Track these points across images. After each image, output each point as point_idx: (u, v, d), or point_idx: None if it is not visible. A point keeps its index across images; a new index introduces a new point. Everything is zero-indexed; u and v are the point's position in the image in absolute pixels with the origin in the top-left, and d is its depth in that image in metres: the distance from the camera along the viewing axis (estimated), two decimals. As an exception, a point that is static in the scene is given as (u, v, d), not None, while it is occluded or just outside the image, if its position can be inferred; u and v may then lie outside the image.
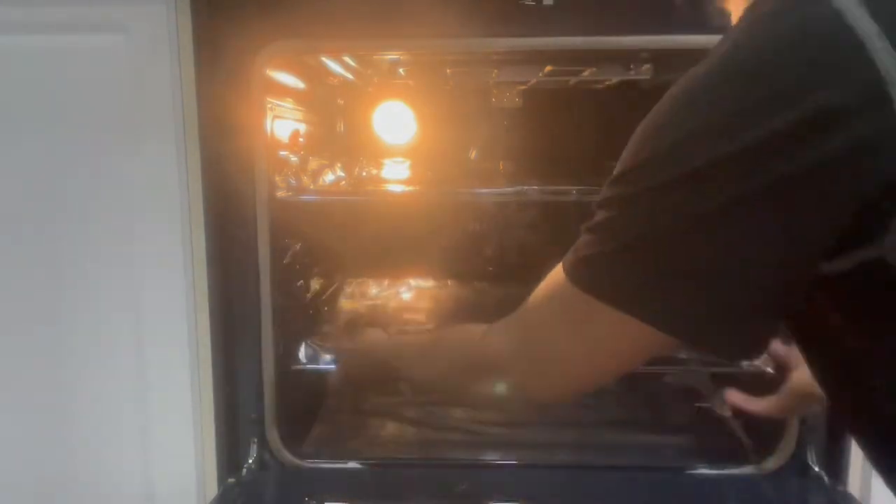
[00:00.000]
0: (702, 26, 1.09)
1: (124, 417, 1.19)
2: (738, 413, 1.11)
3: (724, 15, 1.09)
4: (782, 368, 0.98)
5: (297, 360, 1.32)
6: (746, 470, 1.20)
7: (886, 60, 0.47)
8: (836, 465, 1.16)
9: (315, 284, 1.66)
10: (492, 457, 1.31)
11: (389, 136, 1.86)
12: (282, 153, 1.31)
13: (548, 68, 1.54)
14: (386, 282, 1.91)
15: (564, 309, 0.65)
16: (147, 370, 1.18)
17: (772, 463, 1.19)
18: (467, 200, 1.87)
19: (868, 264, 0.49)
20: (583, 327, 0.63)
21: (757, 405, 0.99)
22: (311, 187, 1.36)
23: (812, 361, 0.63)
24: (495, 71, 1.59)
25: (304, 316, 1.52)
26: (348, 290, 1.87)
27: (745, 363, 1.26)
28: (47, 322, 1.18)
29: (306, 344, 1.35)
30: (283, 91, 1.33)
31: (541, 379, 0.71)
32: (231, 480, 1.17)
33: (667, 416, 1.46)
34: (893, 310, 0.51)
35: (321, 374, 1.42)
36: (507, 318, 0.75)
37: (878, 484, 1.16)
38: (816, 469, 1.16)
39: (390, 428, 1.45)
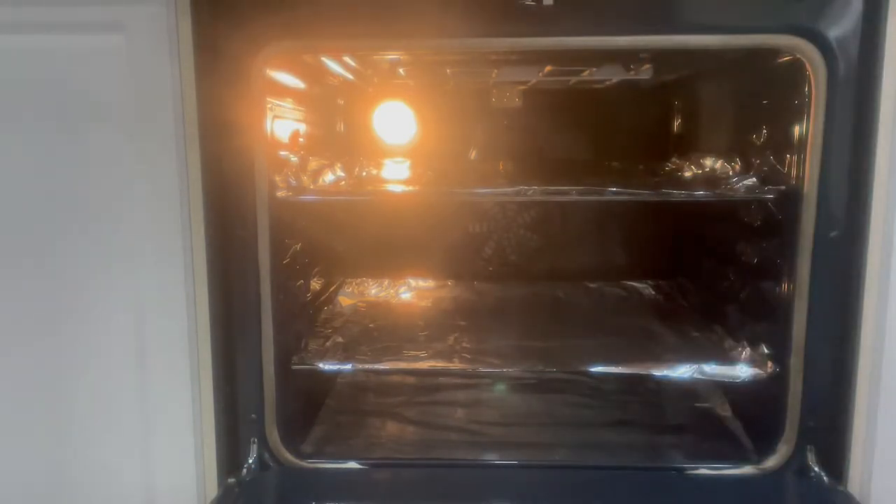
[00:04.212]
0: (702, 26, 1.09)
1: (125, 418, 1.19)
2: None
3: (724, 15, 1.09)
4: None
5: (298, 360, 1.32)
6: (746, 470, 1.20)
7: None
8: (835, 465, 1.16)
9: (315, 284, 1.66)
10: (492, 457, 1.31)
11: (389, 136, 1.86)
12: (282, 153, 1.31)
13: (548, 68, 1.54)
14: (386, 281, 1.91)
15: None
16: (147, 370, 1.18)
17: (772, 463, 1.19)
18: (467, 200, 1.87)
19: None
20: None
21: None
22: (311, 187, 1.35)
23: None
24: (495, 71, 1.59)
25: (304, 316, 1.52)
26: (348, 289, 1.87)
27: (743, 367, 1.26)
28: (47, 322, 1.18)
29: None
30: (283, 91, 1.33)
31: None
32: (231, 480, 1.17)
33: (667, 416, 1.46)
34: None
35: (321, 374, 1.42)
36: None
37: (878, 484, 1.16)
38: (816, 469, 1.16)
39: (390, 428, 1.45)
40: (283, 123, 1.32)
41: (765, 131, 1.32)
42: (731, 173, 1.45)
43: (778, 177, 1.23)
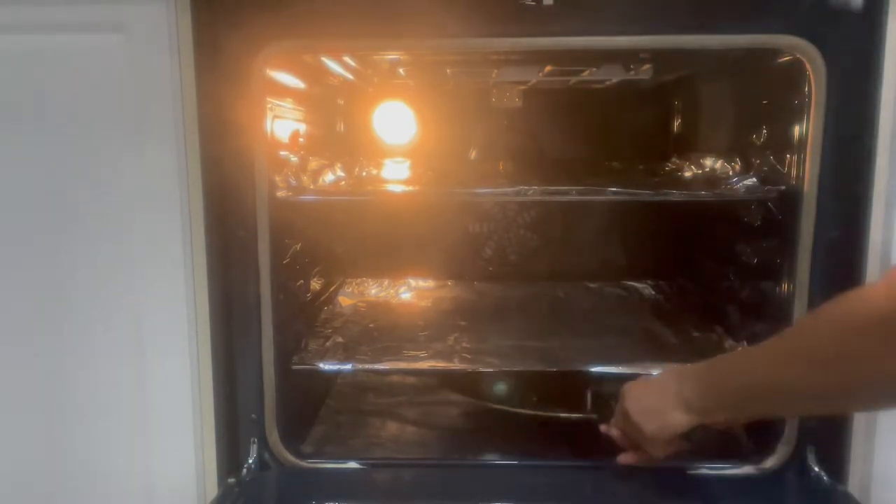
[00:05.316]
0: (702, 26, 1.09)
1: (124, 418, 1.19)
2: None
3: (724, 15, 1.09)
4: None
5: (298, 360, 1.32)
6: (746, 470, 1.20)
7: None
8: (835, 464, 1.16)
9: (315, 284, 1.66)
10: (492, 457, 1.31)
11: (389, 136, 1.86)
12: (282, 153, 1.31)
13: (548, 68, 1.54)
14: (386, 281, 1.91)
15: None
16: (147, 370, 1.18)
17: (772, 463, 1.19)
18: (467, 200, 1.88)
19: None
20: None
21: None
22: (311, 187, 1.35)
23: None
24: (495, 71, 1.59)
25: (304, 316, 1.52)
26: (348, 289, 1.87)
27: None
28: (47, 322, 1.18)
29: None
30: (283, 91, 1.33)
31: None
32: (231, 480, 1.17)
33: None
34: None
35: (321, 374, 1.42)
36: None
37: (877, 484, 1.16)
38: (816, 469, 1.16)
39: (390, 428, 1.45)
40: (283, 123, 1.32)
41: (765, 131, 1.32)
42: (731, 173, 1.45)
43: (778, 177, 1.23)
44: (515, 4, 1.08)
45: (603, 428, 1.16)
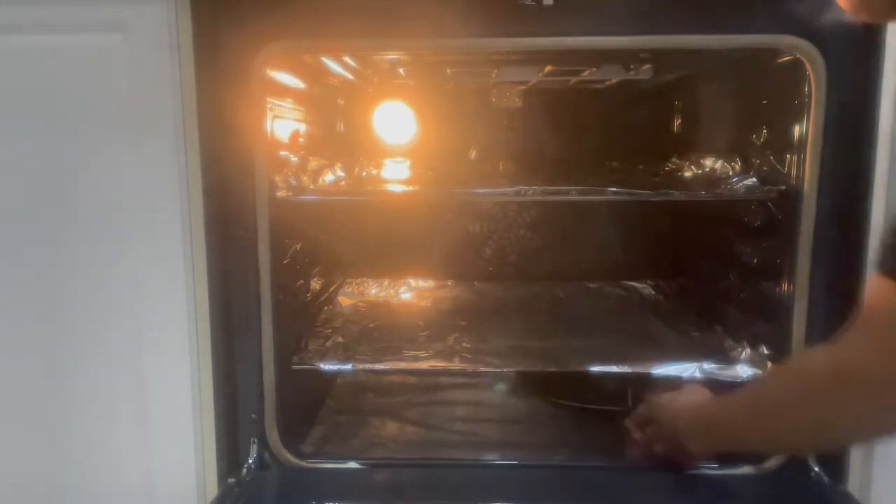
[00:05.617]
0: (702, 26, 1.09)
1: (125, 418, 1.19)
2: None
3: (724, 15, 1.09)
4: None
5: (298, 360, 1.32)
6: (746, 470, 1.20)
7: None
8: (835, 464, 1.16)
9: (315, 284, 1.66)
10: (492, 457, 1.31)
11: (389, 136, 1.86)
12: (282, 153, 1.31)
13: (548, 68, 1.54)
14: (386, 281, 1.91)
15: None
16: (147, 371, 1.17)
17: (772, 463, 1.19)
18: (467, 200, 1.88)
19: None
20: None
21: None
22: (311, 187, 1.35)
23: None
24: (495, 71, 1.59)
25: (304, 316, 1.52)
26: (348, 289, 1.87)
27: (743, 367, 1.26)
28: (47, 322, 1.18)
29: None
30: (283, 91, 1.33)
31: None
32: (231, 480, 1.17)
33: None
34: None
35: (321, 374, 1.41)
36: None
37: (877, 483, 1.16)
38: (816, 469, 1.16)
39: (390, 428, 1.45)
40: (283, 123, 1.32)
41: (765, 131, 1.32)
42: (731, 173, 1.45)
43: (778, 177, 1.23)
44: (515, 4, 1.08)
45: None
